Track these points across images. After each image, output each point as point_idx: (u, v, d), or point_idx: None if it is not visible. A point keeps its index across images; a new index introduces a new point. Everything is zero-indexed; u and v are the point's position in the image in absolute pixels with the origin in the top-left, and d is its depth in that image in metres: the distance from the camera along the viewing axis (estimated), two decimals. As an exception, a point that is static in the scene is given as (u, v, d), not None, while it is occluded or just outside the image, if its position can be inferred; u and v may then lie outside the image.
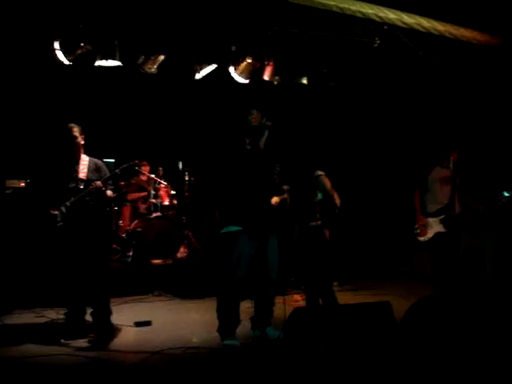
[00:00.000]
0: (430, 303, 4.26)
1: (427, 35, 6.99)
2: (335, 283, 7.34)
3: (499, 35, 7.23)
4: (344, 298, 6.41)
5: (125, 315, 6.02)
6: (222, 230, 5.17)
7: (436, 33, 6.98)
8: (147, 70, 7.51)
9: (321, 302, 5.64)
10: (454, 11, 6.73)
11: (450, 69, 7.78)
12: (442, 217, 6.18)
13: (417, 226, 6.31)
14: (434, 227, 6.21)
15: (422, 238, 6.29)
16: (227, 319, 5.09)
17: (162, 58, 7.49)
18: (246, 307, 5.32)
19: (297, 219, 5.74)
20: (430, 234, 6.23)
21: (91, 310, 5.42)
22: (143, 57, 7.41)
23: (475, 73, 7.82)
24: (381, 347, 4.05)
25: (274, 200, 5.25)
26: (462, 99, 8.36)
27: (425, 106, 9.02)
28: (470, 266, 5.96)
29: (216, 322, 5.18)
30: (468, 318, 4.17)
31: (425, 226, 6.24)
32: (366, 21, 6.61)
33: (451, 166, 6.15)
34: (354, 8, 6.52)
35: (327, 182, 5.86)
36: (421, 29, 6.88)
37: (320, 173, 5.87)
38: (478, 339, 3.97)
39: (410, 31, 6.82)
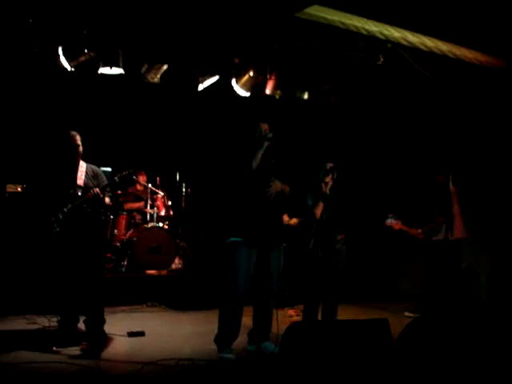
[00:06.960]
0: (427, 321, 4.21)
1: (430, 54, 7.02)
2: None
3: (503, 57, 7.26)
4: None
5: (118, 325, 5.95)
6: (224, 242, 5.13)
7: (439, 52, 7.01)
8: (150, 79, 7.50)
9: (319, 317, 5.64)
10: (457, 32, 6.75)
11: (452, 88, 7.82)
12: None
13: None
14: None
15: None
16: (227, 331, 5.01)
17: (165, 67, 7.48)
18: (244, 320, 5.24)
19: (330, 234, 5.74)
20: None
21: (84, 318, 5.36)
22: (146, 66, 7.41)
23: (476, 93, 7.86)
24: (376, 365, 3.99)
25: (293, 221, 5.22)
26: (461, 118, 8.40)
27: (425, 125, 9.04)
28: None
29: (210, 335, 5.14)
30: (465, 336, 4.12)
31: None
32: (370, 38, 6.63)
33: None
34: (358, 25, 6.53)
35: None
36: (424, 48, 6.90)
37: None
38: (476, 359, 3.92)
39: (413, 50, 6.85)
